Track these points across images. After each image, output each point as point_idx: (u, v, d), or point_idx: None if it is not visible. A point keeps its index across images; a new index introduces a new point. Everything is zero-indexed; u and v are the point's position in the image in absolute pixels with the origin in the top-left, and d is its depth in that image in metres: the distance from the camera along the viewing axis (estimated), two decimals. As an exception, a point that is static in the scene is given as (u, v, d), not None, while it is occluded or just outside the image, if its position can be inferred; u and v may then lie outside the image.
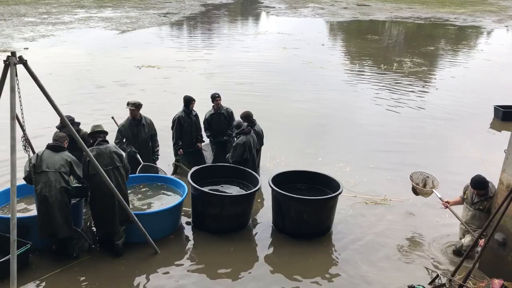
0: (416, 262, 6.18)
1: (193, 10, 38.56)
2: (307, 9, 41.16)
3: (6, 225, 5.15)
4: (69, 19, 30.30)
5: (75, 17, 31.37)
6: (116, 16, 32.86)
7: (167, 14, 34.77)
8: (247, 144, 7.40)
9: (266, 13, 40.23)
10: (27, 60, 4.89)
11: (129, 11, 35.52)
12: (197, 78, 16.13)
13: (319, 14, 38.04)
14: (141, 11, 35.68)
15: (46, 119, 9.33)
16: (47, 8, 35.12)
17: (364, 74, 17.84)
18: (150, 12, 35.57)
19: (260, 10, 42.61)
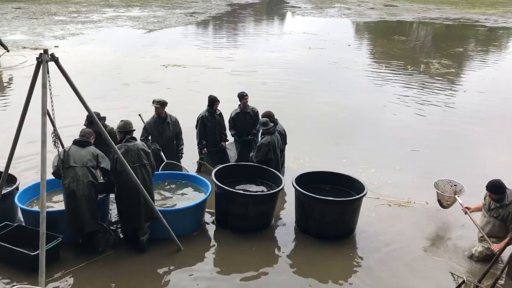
0: (440, 267, 6.06)
1: (219, 10, 38.76)
2: (333, 9, 40.88)
3: (36, 219, 5.29)
4: (97, 18, 30.86)
5: (103, 16, 31.93)
6: (144, 15, 33.29)
7: (193, 14, 35.04)
8: (272, 144, 7.40)
9: (292, 13, 40.12)
10: (58, 57, 5.01)
11: (156, 11, 35.95)
12: (222, 77, 16.20)
13: (346, 15, 37.72)
14: (168, 11, 36.06)
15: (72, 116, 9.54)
16: (77, 7, 35.84)
17: (391, 75, 17.60)
18: (177, 11, 35.92)
19: (286, 10, 42.51)
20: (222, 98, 8.80)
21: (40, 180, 4.82)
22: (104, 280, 5.57)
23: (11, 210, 6.61)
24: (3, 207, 6.17)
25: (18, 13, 31.50)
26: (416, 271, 6.01)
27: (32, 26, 26.34)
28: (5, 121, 10.93)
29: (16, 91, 13.87)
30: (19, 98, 10.11)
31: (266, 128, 7.48)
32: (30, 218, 6.22)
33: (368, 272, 5.96)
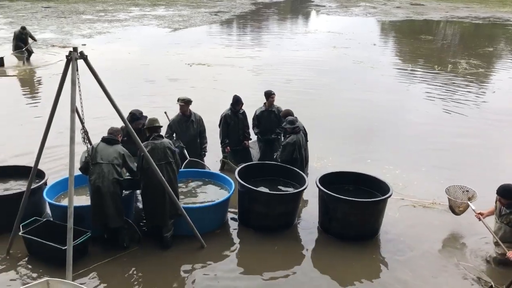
0: (465, 271, 5.94)
1: (243, 9, 38.86)
2: (359, 8, 40.50)
3: (63, 213, 5.40)
4: (124, 17, 31.32)
5: (129, 15, 32.39)
6: (169, 14, 33.64)
7: (218, 13, 35.22)
8: (297, 143, 7.37)
9: (316, 12, 39.93)
10: (87, 55, 5.10)
11: (181, 10, 36.28)
12: (246, 76, 16.24)
13: (371, 13, 37.31)
14: (192, 10, 36.35)
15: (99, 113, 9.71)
16: (103, 6, 36.47)
17: (417, 74, 17.34)
18: (202, 10, 36.17)
19: (310, 8, 42.33)
20: (246, 97, 8.80)
21: (68, 176, 4.91)
22: (128, 276, 5.64)
23: (40, 204, 6.77)
24: (32, 202, 6.31)
25: (47, 12, 32.23)
26: (440, 275, 5.89)
27: (61, 24, 26.91)
28: (35, 117, 11.22)
29: (46, 89, 14.19)
30: (49, 95, 10.34)
31: (293, 127, 7.44)
32: (57, 213, 6.35)
33: (391, 274, 5.88)
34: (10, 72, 15.92)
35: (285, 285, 5.62)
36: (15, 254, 5.93)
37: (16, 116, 11.38)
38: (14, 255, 5.92)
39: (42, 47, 19.76)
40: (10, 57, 17.06)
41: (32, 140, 8.91)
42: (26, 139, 9.48)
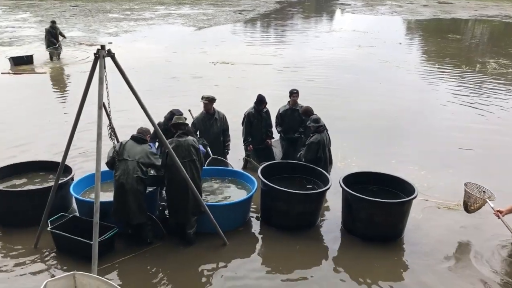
0: (491, 275, 5.79)
1: (267, 8, 38.84)
2: (384, 7, 40.00)
3: (90, 208, 5.49)
4: (149, 16, 31.70)
5: (155, 14, 32.77)
6: (194, 13, 33.89)
7: (242, 12, 35.31)
8: (321, 142, 7.32)
9: (341, 11, 39.61)
10: (114, 53, 5.17)
11: (206, 8, 36.51)
12: (270, 75, 16.23)
13: (397, 12, 36.82)
14: (217, 8, 36.54)
15: (126, 110, 9.85)
16: (130, 5, 36.99)
17: (443, 74, 17.03)
18: (226, 9, 36.32)
19: (335, 7, 42.02)
20: (269, 95, 8.79)
21: (95, 172, 4.99)
22: (151, 271, 5.71)
23: (66, 199, 6.91)
24: (59, 196, 6.45)
25: (75, 10, 32.89)
26: (464, 279, 5.76)
27: (88, 23, 27.42)
28: (63, 114, 11.46)
29: (74, 85, 14.48)
30: (77, 92, 10.53)
31: (318, 126, 7.39)
32: (83, 208, 6.47)
33: (413, 276, 5.79)
34: (40, 70, 16.30)
35: (305, 285, 5.58)
36: (43, 247, 6.06)
37: (45, 112, 11.65)
38: (41, 248, 6.05)
39: (70, 45, 20.16)
40: (39, 55, 17.45)
41: (59, 135, 9.13)
42: (54, 135, 9.69)
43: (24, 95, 13.41)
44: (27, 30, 24.35)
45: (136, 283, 5.48)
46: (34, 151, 9.04)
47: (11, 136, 9.95)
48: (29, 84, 14.70)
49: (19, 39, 21.87)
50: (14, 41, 21.25)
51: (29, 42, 20.94)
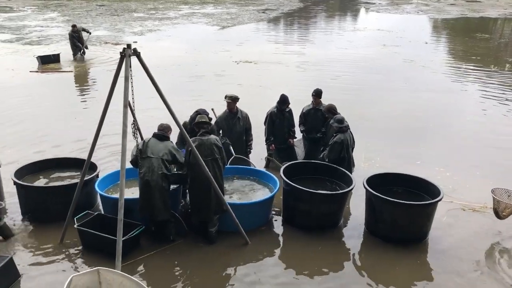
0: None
1: (291, 6, 38.71)
2: (410, 6, 39.41)
3: (114, 205, 5.57)
4: (174, 15, 31.97)
5: (179, 13, 33.03)
6: (217, 12, 34.03)
7: (265, 10, 35.29)
8: (345, 142, 7.24)
9: (366, 9, 39.18)
10: (140, 52, 5.23)
11: (229, 8, 36.60)
12: (293, 74, 16.17)
13: (423, 11, 36.22)
14: (241, 8, 36.59)
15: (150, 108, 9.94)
16: (154, 4, 37.37)
17: (471, 74, 16.66)
18: (250, 8, 36.35)
19: (360, 6, 41.57)
20: (292, 95, 8.75)
21: (120, 169, 5.06)
22: (173, 268, 5.76)
23: (91, 196, 7.03)
24: (85, 193, 6.56)
25: (101, 10, 33.41)
26: (490, 284, 5.62)
27: (114, 22, 27.82)
28: (89, 111, 11.66)
29: (100, 84, 14.72)
30: (103, 90, 10.69)
31: (341, 126, 7.31)
32: (108, 205, 6.57)
33: (436, 280, 5.68)
34: (66, 68, 16.62)
35: (326, 284, 5.53)
36: (68, 243, 6.18)
37: (71, 110, 11.87)
38: (67, 244, 6.17)
39: (96, 44, 20.49)
40: (66, 54, 17.77)
41: (85, 133, 9.29)
42: (79, 132, 9.87)
43: (51, 92, 13.71)
44: (55, 29, 24.85)
45: (158, 279, 5.53)
46: (60, 148, 9.22)
47: (39, 133, 10.18)
48: (56, 82, 15.01)
49: (47, 38, 22.34)
50: (42, 40, 21.72)
51: (57, 41, 21.36)
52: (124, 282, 4.38)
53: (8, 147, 9.33)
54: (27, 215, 6.77)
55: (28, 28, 25.05)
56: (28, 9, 33.38)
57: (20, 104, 12.32)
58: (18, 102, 12.47)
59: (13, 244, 6.16)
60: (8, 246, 6.12)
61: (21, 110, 11.81)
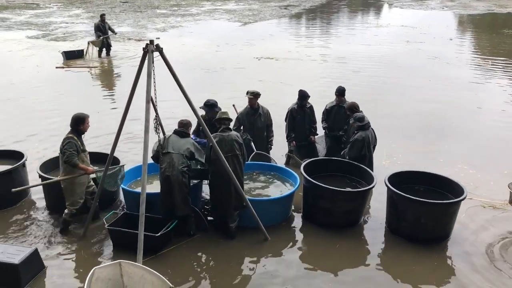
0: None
1: (313, 2, 38.42)
2: (435, 1, 38.66)
3: (136, 199, 5.63)
4: (196, 11, 32.10)
5: (201, 9, 33.14)
6: (239, 8, 34.02)
7: (287, 7, 35.11)
8: (366, 140, 7.16)
9: (389, 5, 38.62)
10: (163, 48, 5.27)
11: (251, 4, 36.53)
12: (315, 71, 16.06)
13: (448, 7, 35.52)
14: (262, 4, 36.48)
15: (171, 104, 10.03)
16: (177, 1, 37.56)
17: (497, 72, 16.28)
18: (272, 4, 36.21)
19: (383, 2, 40.98)
20: (314, 91, 8.69)
21: (142, 164, 5.12)
22: (193, 263, 5.80)
23: (114, 190, 7.11)
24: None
25: (125, 6, 33.78)
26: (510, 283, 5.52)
27: (137, 19, 28.10)
28: (112, 106, 11.83)
29: (123, 80, 14.92)
30: (126, 86, 10.80)
31: (362, 124, 7.24)
32: (130, 199, 6.65)
33: (456, 278, 5.62)
34: (90, 64, 16.88)
35: (342, 284, 5.50)
36: (90, 236, 6.30)
37: (94, 105, 12.04)
38: (89, 237, 6.28)
39: (119, 40, 20.73)
40: (91, 50, 18.04)
41: (108, 128, 9.42)
42: (102, 127, 10.00)
43: (77, 88, 13.96)
44: (80, 26, 25.25)
45: (178, 273, 5.58)
46: (85, 143, 9.35)
47: (65, 127, 10.32)
48: (82, 78, 15.26)
49: (72, 34, 22.71)
50: (67, 36, 22.09)
51: (81, 37, 21.69)
52: (145, 275, 4.44)
53: (35, 141, 9.55)
54: (51, 208, 6.91)
55: (54, 25, 25.51)
56: (54, 6, 33.97)
57: (48, 99, 12.57)
58: (45, 97, 12.72)
59: (38, 236, 6.31)
60: (34, 238, 6.27)
61: (48, 105, 12.05)
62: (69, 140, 6.05)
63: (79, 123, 6.20)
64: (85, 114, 6.32)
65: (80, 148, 6.12)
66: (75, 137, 6.13)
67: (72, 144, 6.02)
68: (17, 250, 5.37)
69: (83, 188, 6.30)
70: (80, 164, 6.01)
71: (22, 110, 11.61)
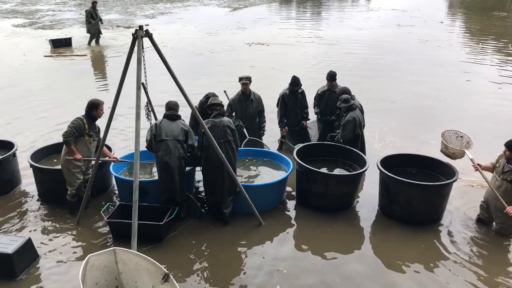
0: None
1: (303, -13, 38.08)
2: (425, -16, 38.46)
3: (129, 187, 5.62)
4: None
5: (191, -5, 32.75)
6: (229, -7, 33.66)
7: (277, -9, 34.78)
8: (357, 119, 7.18)
9: (380, -11, 38.39)
10: (152, 33, 5.20)
11: (241, -11, 36.14)
12: (306, 55, 16.01)
13: (439, -11, 35.36)
14: (252, -11, 36.10)
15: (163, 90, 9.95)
16: (166, -13, 37.06)
17: (488, 54, 16.34)
18: (261, -11, 35.84)
19: (373, -15, 40.73)
20: (306, 77, 8.67)
21: (134, 151, 5.09)
22: (187, 249, 5.80)
23: (106, 178, 7.11)
24: (99, 175, 6.63)
25: (113, -7, 33.26)
26: (502, 264, 5.60)
27: (125, 6, 27.75)
28: (103, 94, 11.71)
29: (113, 67, 14.76)
30: (116, 73, 10.67)
31: (348, 105, 7.25)
32: (123, 187, 6.63)
33: (446, 257, 5.69)
34: (79, 52, 16.68)
35: (335, 267, 5.53)
36: (84, 224, 6.28)
37: (85, 93, 11.90)
38: (83, 225, 6.27)
39: (108, 27, 20.48)
40: (80, 37, 17.82)
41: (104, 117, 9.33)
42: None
43: (66, 77, 13.79)
44: (67, 13, 24.90)
45: (173, 259, 5.59)
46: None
47: (55, 116, 10.26)
48: (70, 66, 15.08)
49: (60, 22, 22.40)
50: (55, 24, 21.79)
51: (69, 25, 21.41)
52: (140, 261, 4.44)
53: (26, 130, 9.46)
54: (44, 197, 6.88)
55: (41, 13, 25.13)
56: (40, -6, 33.38)
57: (37, 88, 12.43)
58: (34, 86, 12.57)
59: (31, 225, 6.28)
60: (27, 227, 6.24)
61: (38, 94, 11.92)
62: (76, 120, 6.17)
63: (92, 108, 6.27)
64: (100, 100, 6.36)
65: (86, 132, 6.16)
66: (85, 120, 6.20)
67: (77, 124, 6.11)
68: (10, 240, 5.35)
69: (78, 169, 6.28)
70: (72, 146, 6.05)
71: (11, 99, 11.48)
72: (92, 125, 6.28)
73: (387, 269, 5.50)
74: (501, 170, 5.79)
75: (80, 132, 6.10)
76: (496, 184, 5.84)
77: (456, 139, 6.57)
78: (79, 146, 6.19)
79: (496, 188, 5.80)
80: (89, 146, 6.29)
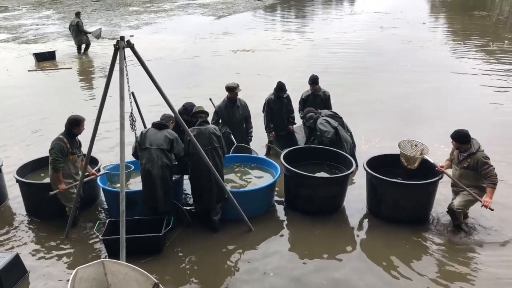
0: None
1: (287, -7, 38.34)
2: (407, -14, 38.92)
3: (117, 198, 5.59)
4: (169, 7, 31.80)
5: (174, 5, 32.84)
6: (213, 2, 33.80)
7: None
8: (326, 120, 7.54)
9: (362, -8, 38.78)
10: (134, 44, 5.21)
11: (225, -3, 36.29)
12: (291, 61, 16.10)
13: (420, -9, 35.80)
14: (236, -4, 36.27)
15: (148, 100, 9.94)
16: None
17: (470, 53, 16.57)
18: (245, -4, 36.03)
19: (356, -11, 41.14)
20: (291, 81, 8.72)
21: (120, 162, 5.07)
22: (176, 258, 5.78)
23: (94, 190, 7.06)
24: (87, 188, 6.59)
25: (96, 5, 33.23)
26: (495, 259, 5.67)
27: (109, 17, 27.69)
28: (88, 106, 11.66)
29: (97, 78, 14.71)
30: (101, 85, 10.63)
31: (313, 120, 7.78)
32: (111, 198, 6.60)
33: (433, 257, 5.73)
34: (64, 65, 16.59)
35: (326, 269, 5.55)
36: (73, 238, 6.24)
37: (70, 106, 11.82)
38: (71, 238, 6.22)
39: (93, 39, 20.40)
40: (66, 49, 17.71)
41: (87, 129, 9.29)
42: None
43: (51, 90, 13.71)
44: (51, 27, 24.77)
45: (163, 269, 5.57)
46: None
47: (41, 130, 10.18)
48: (55, 79, 14.97)
49: (44, 36, 22.27)
50: (39, 38, 21.65)
51: (53, 38, 21.30)
52: (129, 272, 4.42)
53: (11, 145, 9.38)
54: (31, 212, 6.82)
55: (24, 27, 24.97)
56: (23, 8, 33.24)
57: (22, 102, 12.32)
58: (19, 101, 12.46)
59: (19, 241, 6.22)
60: (14, 243, 6.18)
61: (23, 108, 11.81)
62: (56, 143, 6.06)
63: (73, 125, 6.19)
64: (81, 117, 6.29)
65: (69, 151, 6.10)
66: (65, 139, 6.11)
67: (59, 147, 6.02)
68: (-2, 257, 5.29)
69: (70, 184, 6.22)
70: (60, 176, 6.03)
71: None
72: (73, 142, 6.21)
73: (374, 270, 5.53)
74: (457, 161, 6.07)
75: (64, 153, 6.04)
76: (457, 174, 6.09)
77: (411, 148, 6.79)
78: (65, 165, 6.13)
79: (458, 176, 6.06)
80: (75, 163, 6.25)
